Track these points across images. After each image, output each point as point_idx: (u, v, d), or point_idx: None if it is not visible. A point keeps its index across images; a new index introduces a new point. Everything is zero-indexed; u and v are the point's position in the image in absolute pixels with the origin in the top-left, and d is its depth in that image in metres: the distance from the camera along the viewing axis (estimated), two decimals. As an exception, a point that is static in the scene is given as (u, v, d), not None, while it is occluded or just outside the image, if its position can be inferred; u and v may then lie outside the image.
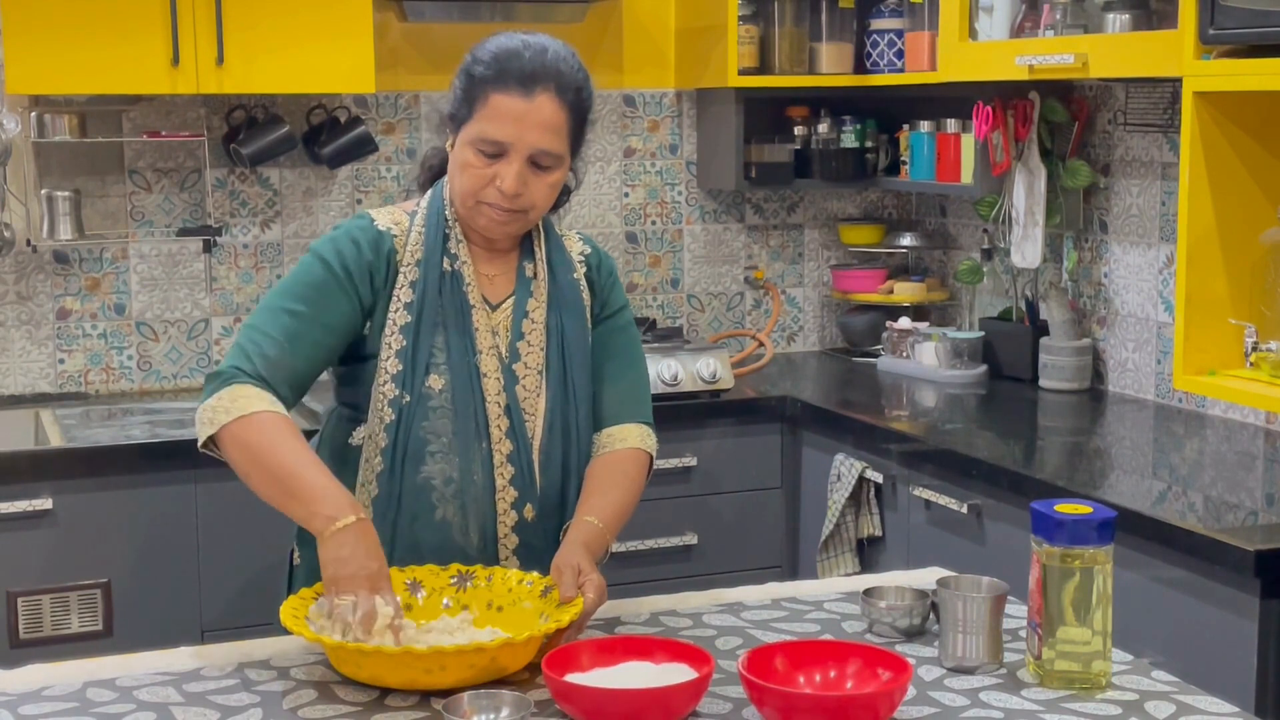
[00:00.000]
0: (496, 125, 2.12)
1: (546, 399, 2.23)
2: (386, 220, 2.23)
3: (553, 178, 2.17)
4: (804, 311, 4.51)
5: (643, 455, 2.29)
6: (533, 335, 2.24)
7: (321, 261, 2.17)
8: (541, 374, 2.23)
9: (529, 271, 2.27)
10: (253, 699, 1.84)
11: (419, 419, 2.17)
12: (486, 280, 2.25)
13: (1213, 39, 2.64)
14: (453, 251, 2.22)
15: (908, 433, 3.42)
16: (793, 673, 1.82)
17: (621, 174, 4.30)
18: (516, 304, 2.24)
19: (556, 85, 2.14)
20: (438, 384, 2.18)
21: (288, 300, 2.15)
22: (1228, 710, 1.81)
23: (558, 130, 2.15)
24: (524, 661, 1.89)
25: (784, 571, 3.80)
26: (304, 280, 2.17)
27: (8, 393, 3.80)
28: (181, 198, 3.90)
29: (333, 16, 3.59)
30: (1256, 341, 2.72)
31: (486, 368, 2.20)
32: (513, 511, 2.19)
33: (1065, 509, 1.87)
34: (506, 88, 2.13)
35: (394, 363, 2.18)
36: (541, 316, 2.25)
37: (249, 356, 2.11)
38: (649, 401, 2.36)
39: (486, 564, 2.16)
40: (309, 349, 2.15)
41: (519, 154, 2.13)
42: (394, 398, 2.18)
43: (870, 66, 4.14)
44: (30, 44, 3.40)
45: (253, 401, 2.06)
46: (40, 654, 2.79)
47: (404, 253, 2.21)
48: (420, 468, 2.17)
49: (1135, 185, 3.66)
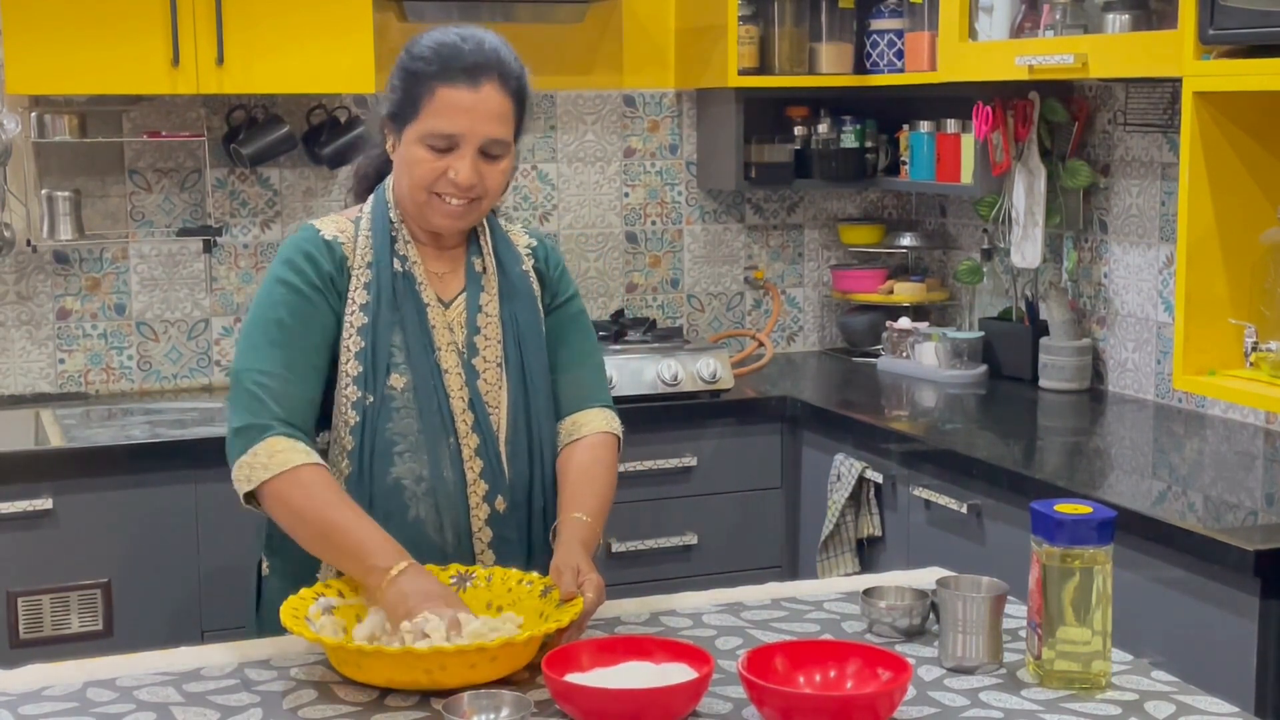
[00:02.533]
0: (446, 119, 2.15)
1: (509, 390, 2.24)
2: (332, 229, 2.25)
3: (503, 165, 2.20)
4: (804, 311, 4.51)
5: (611, 438, 2.33)
6: (488, 329, 2.26)
7: (285, 285, 2.19)
8: (501, 366, 2.25)
9: (478, 266, 2.29)
10: (253, 699, 1.85)
11: (384, 420, 2.18)
12: (436, 278, 2.27)
13: (1213, 39, 2.64)
14: (401, 253, 2.24)
15: (908, 433, 3.42)
16: (793, 673, 1.82)
17: (621, 174, 4.30)
18: (469, 300, 2.26)
19: (500, 74, 2.17)
20: (399, 383, 2.19)
21: (269, 333, 2.16)
22: (1227, 710, 1.81)
23: (505, 118, 2.18)
24: (524, 661, 1.89)
25: (784, 571, 3.80)
26: (276, 308, 2.18)
27: (8, 393, 3.80)
28: (182, 198, 3.90)
29: (333, 16, 3.59)
30: (1256, 341, 2.72)
31: (447, 364, 2.21)
32: (484, 505, 2.21)
33: (1065, 509, 1.87)
34: (452, 81, 2.15)
35: (354, 365, 2.20)
36: (495, 310, 2.27)
37: (264, 403, 2.12)
38: (606, 384, 2.39)
39: (462, 560, 2.17)
40: (309, 373, 2.17)
41: (470, 145, 2.15)
42: (356, 399, 2.19)
43: (870, 66, 4.14)
44: (30, 44, 3.40)
45: (289, 455, 2.09)
46: (40, 654, 2.79)
47: (354, 257, 2.23)
48: (390, 469, 2.18)
49: (1135, 185, 3.66)
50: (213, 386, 3.96)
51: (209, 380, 3.97)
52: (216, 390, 3.92)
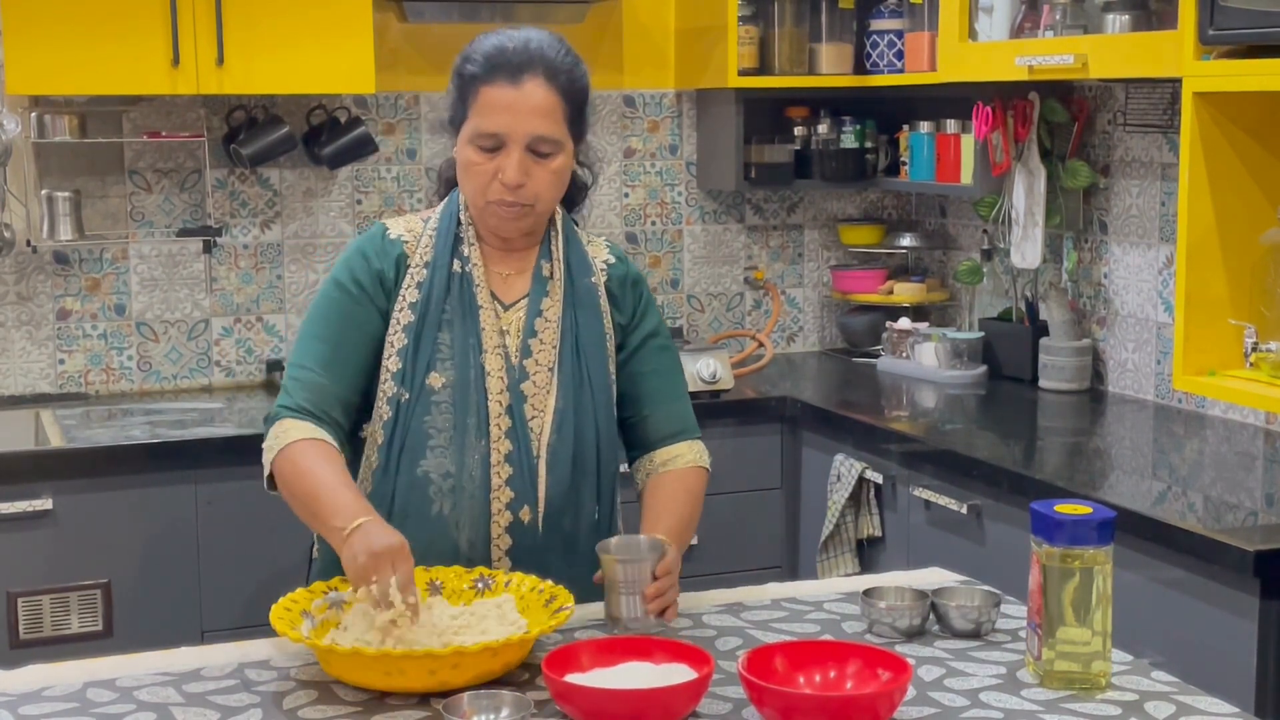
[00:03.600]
0: (489, 118, 2.15)
1: (556, 396, 2.23)
2: (400, 228, 2.28)
3: (555, 164, 2.19)
4: (804, 312, 4.51)
5: (702, 472, 2.37)
6: (545, 333, 2.24)
7: (336, 284, 2.25)
8: (553, 371, 2.23)
9: (545, 271, 2.28)
10: (253, 699, 1.85)
11: (421, 414, 2.19)
12: (500, 279, 2.27)
13: (1212, 39, 2.64)
14: (464, 253, 2.24)
15: (908, 433, 3.42)
16: (792, 673, 1.82)
17: (621, 174, 4.30)
18: (531, 302, 2.26)
19: (544, 70, 2.16)
20: (438, 381, 2.20)
21: (315, 329, 2.23)
22: (1227, 710, 1.81)
23: (550, 114, 2.16)
24: (488, 668, 1.86)
25: (784, 572, 3.80)
26: (325, 307, 2.25)
27: (8, 393, 3.81)
28: (181, 198, 3.90)
29: (333, 16, 3.59)
30: (1256, 342, 2.72)
31: (491, 366, 2.21)
32: (507, 512, 2.20)
33: (1065, 509, 1.87)
34: (495, 80, 2.16)
35: (395, 361, 2.21)
36: (556, 315, 2.26)
37: (290, 392, 2.19)
38: (694, 418, 2.42)
39: (479, 564, 2.16)
40: (346, 370, 2.21)
41: (516, 143, 2.15)
42: (392, 395, 2.21)
43: (870, 67, 4.14)
44: (30, 44, 3.40)
45: (290, 433, 2.14)
46: (40, 654, 2.79)
47: (414, 256, 2.25)
48: (419, 461, 2.19)
49: (1135, 186, 3.66)
50: (213, 387, 3.96)
51: (209, 381, 3.97)
52: (216, 390, 3.92)
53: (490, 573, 2.10)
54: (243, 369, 3.98)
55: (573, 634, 2.04)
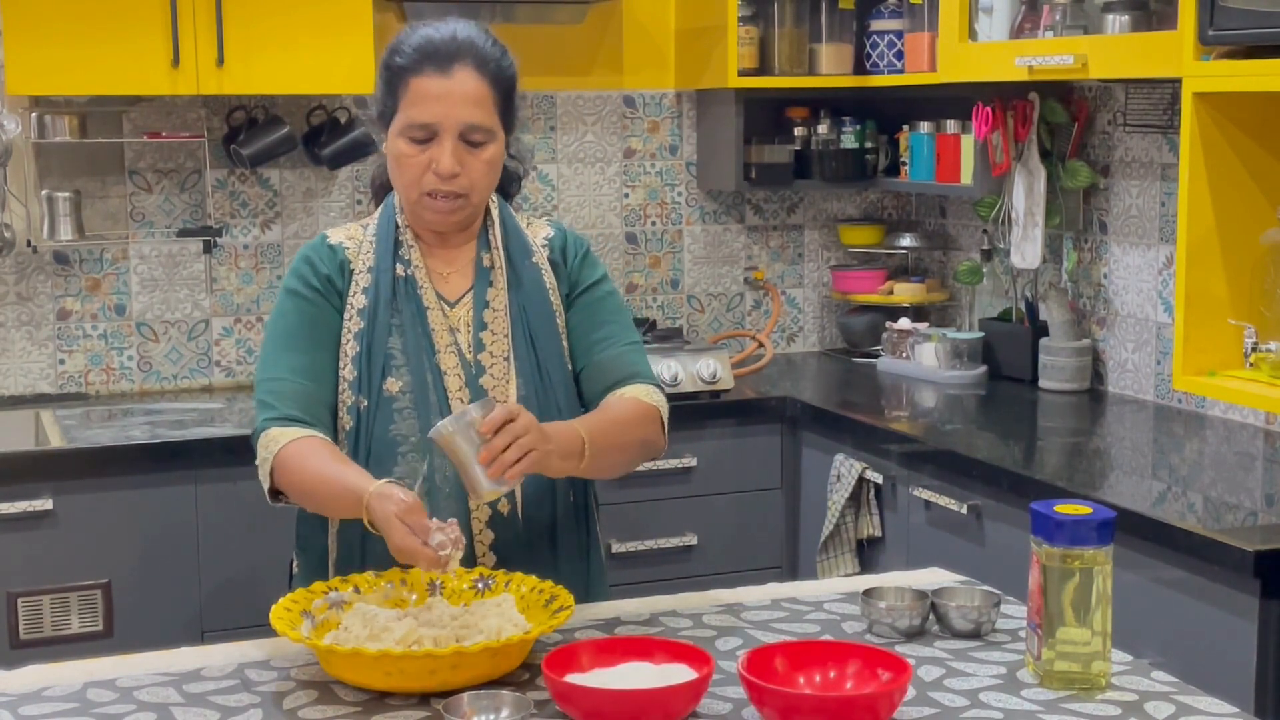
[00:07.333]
0: (421, 108, 2.16)
1: (516, 385, 2.23)
2: (340, 236, 2.29)
3: (487, 154, 2.19)
4: (804, 312, 4.51)
5: (643, 405, 2.24)
6: (495, 324, 2.24)
7: (291, 294, 2.24)
8: (508, 360, 2.23)
9: (486, 262, 2.28)
10: (253, 699, 1.85)
11: (385, 423, 2.19)
12: (442, 279, 2.27)
13: (1212, 40, 2.64)
14: (405, 256, 2.25)
15: (907, 433, 3.42)
16: (792, 673, 1.82)
17: (621, 175, 4.30)
18: (476, 296, 2.25)
19: (473, 59, 2.17)
20: (395, 386, 2.20)
21: (282, 341, 2.22)
22: (1227, 711, 1.81)
23: (481, 102, 2.17)
24: (486, 670, 1.86)
25: (784, 572, 3.80)
26: (285, 316, 2.24)
27: (8, 393, 3.81)
28: (182, 198, 3.90)
29: (332, 16, 3.59)
30: (1256, 342, 2.72)
31: (446, 365, 2.21)
32: (485, 506, 2.20)
33: (1065, 509, 1.87)
34: (425, 70, 2.16)
35: (349, 369, 2.21)
36: (503, 304, 2.25)
37: (271, 405, 2.18)
38: (648, 364, 2.32)
39: (464, 563, 2.16)
40: (318, 372, 2.20)
41: (449, 132, 2.15)
42: (351, 404, 2.21)
43: (870, 67, 4.14)
44: (30, 44, 3.40)
45: (277, 439, 2.13)
46: (40, 654, 2.79)
47: (356, 262, 2.25)
48: (392, 469, 2.18)
49: (1135, 186, 3.66)
50: (213, 387, 3.96)
51: (209, 381, 3.97)
52: (216, 391, 3.92)
53: (490, 573, 2.10)
54: (243, 369, 3.98)
55: (573, 634, 2.04)
